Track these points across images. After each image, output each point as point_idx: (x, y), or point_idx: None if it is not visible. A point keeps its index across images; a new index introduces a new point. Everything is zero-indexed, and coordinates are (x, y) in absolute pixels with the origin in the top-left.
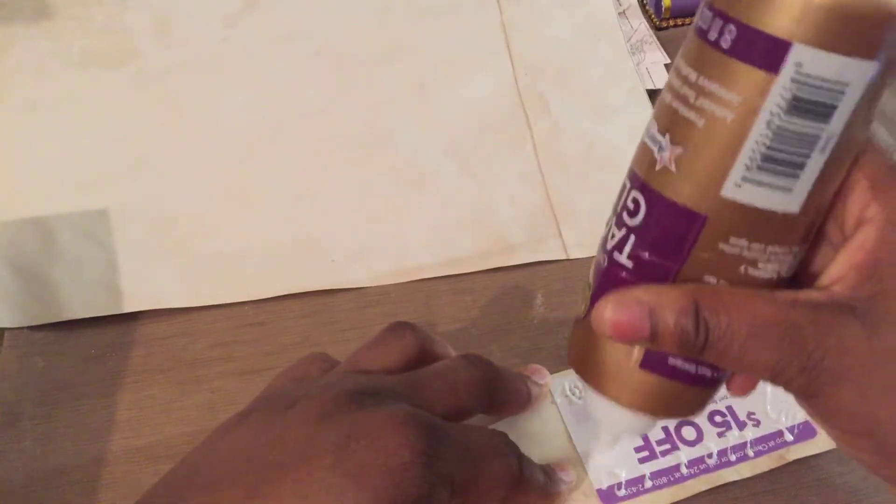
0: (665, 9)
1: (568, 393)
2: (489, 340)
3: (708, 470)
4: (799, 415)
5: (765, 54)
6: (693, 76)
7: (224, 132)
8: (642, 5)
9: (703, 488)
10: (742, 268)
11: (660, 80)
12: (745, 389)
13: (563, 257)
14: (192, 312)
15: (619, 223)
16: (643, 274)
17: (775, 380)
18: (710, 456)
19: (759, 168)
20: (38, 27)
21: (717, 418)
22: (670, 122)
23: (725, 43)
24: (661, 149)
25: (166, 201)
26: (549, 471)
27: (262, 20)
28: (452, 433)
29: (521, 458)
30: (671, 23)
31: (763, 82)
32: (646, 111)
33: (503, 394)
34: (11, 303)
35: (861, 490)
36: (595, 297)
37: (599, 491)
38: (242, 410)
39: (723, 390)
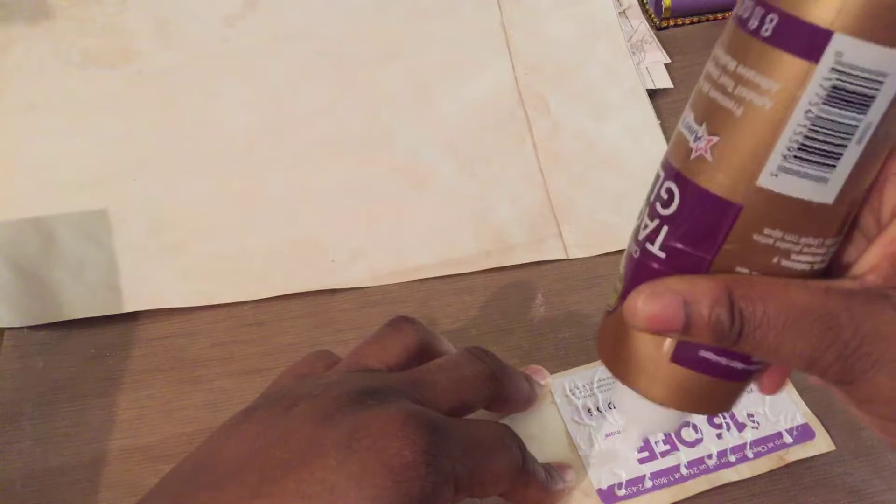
0: (665, 9)
1: (568, 393)
2: (489, 340)
3: (707, 470)
4: (798, 417)
5: (805, 43)
6: (732, 65)
7: (224, 132)
8: (642, 5)
9: (703, 489)
10: (775, 259)
11: (660, 80)
12: (775, 387)
13: (563, 257)
14: (192, 312)
15: (652, 213)
16: (676, 265)
17: (811, 369)
18: (709, 457)
19: (796, 158)
20: (38, 27)
21: (717, 420)
22: (707, 111)
23: (765, 32)
24: (697, 138)
25: (166, 201)
26: (548, 468)
27: (262, 20)
28: (455, 430)
29: (524, 451)
30: (671, 23)
31: (802, 72)
32: (646, 111)
33: (507, 388)
34: (11, 303)
35: (860, 491)
36: (627, 289)
37: (599, 491)
38: (246, 408)
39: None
